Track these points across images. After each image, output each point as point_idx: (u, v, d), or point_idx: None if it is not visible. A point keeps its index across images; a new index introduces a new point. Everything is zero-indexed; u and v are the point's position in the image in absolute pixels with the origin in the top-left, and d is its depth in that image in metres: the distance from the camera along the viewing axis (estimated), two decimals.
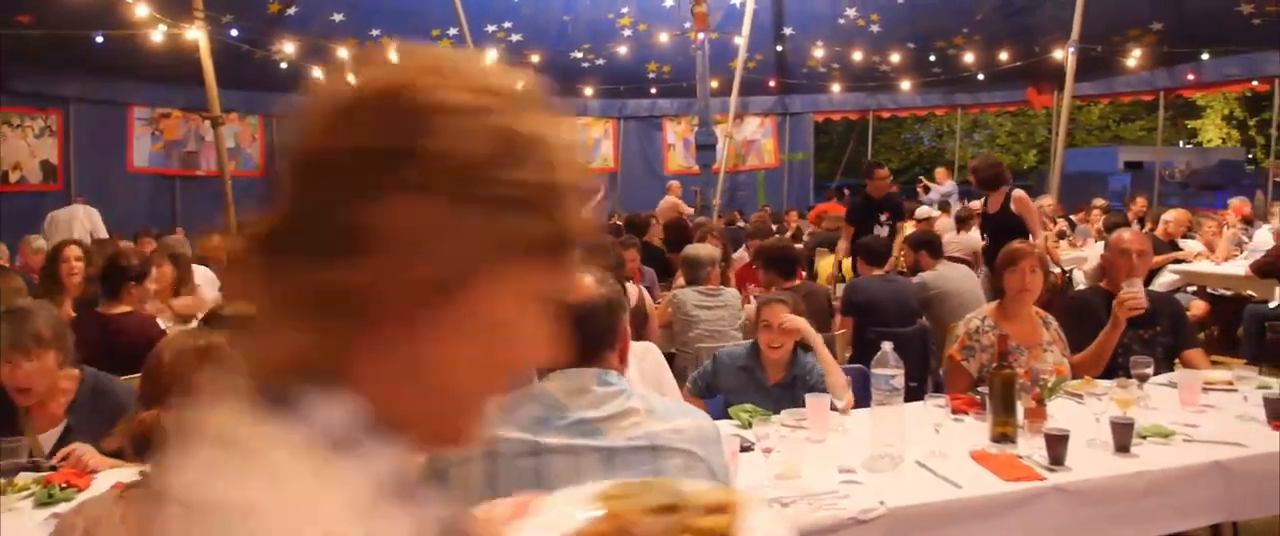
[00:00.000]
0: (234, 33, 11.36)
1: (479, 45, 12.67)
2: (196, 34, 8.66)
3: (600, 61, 14.59)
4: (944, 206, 12.66)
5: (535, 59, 13.94)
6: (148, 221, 11.39)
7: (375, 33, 13.02)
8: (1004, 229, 6.20)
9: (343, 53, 12.86)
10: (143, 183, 13.14)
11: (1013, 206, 6.38)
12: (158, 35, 10.17)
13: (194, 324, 4.26)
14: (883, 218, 7.08)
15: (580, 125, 16.21)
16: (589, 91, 15.61)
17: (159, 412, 1.45)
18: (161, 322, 4.29)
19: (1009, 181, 6.64)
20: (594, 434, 1.55)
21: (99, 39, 10.66)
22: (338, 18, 12.49)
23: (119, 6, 9.63)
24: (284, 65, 12.85)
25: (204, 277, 5.50)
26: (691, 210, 11.40)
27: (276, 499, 0.55)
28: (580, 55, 14.37)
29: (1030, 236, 6.10)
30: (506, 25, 13.53)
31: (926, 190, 14.02)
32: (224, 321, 3.87)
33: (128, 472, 1.51)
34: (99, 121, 12.42)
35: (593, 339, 1.62)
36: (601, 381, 1.59)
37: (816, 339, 3.21)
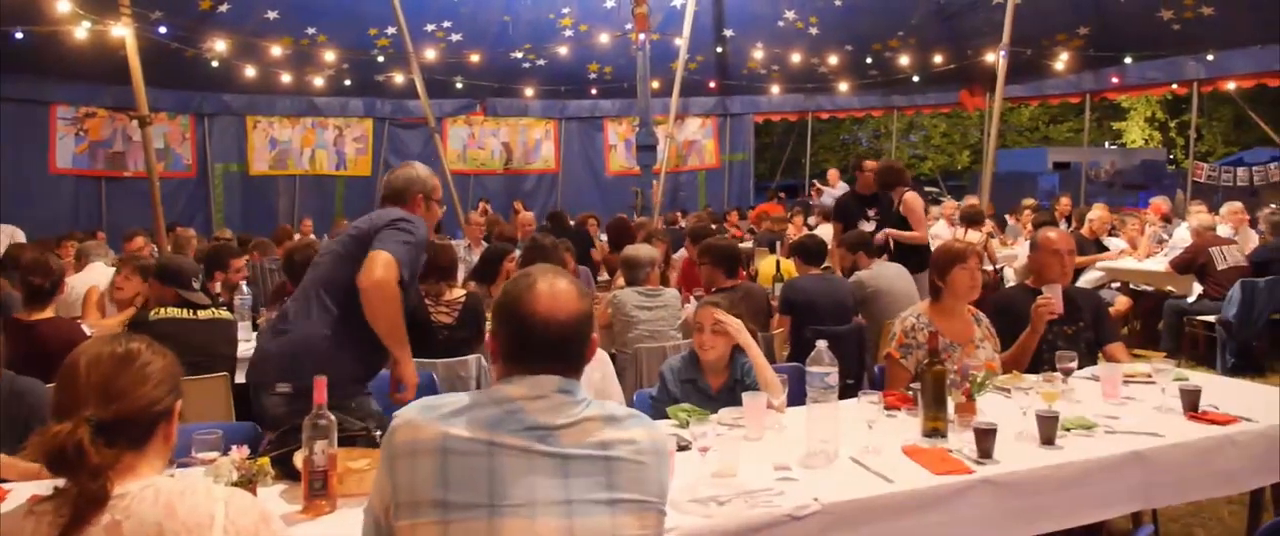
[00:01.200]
0: (163, 30, 11.03)
1: (418, 45, 12.50)
2: (123, 31, 8.39)
3: (541, 62, 14.52)
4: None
5: (475, 59, 13.83)
6: (72, 224, 11.02)
7: (311, 31, 12.78)
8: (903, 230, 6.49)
9: (277, 51, 12.64)
10: (66, 184, 12.70)
11: (901, 208, 6.57)
12: (82, 32, 9.85)
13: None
14: (871, 213, 6.95)
15: (521, 126, 16.14)
16: (530, 92, 15.54)
17: (74, 424, 1.39)
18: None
19: (907, 183, 6.82)
20: (549, 439, 1.55)
21: (19, 35, 10.28)
22: (272, 15, 12.22)
23: (40, 2, 9.30)
24: (215, 63, 12.54)
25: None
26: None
27: None
28: (521, 55, 14.29)
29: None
30: (446, 25, 13.39)
31: (820, 193, 14.26)
32: (149, 327, 3.78)
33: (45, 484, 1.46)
34: (20, 121, 11.95)
35: (573, 355, 1.63)
36: (562, 389, 1.60)
37: (747, 339, 3.23)
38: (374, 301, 2.86)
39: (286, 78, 13.57)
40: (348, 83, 14.29)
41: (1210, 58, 12.45)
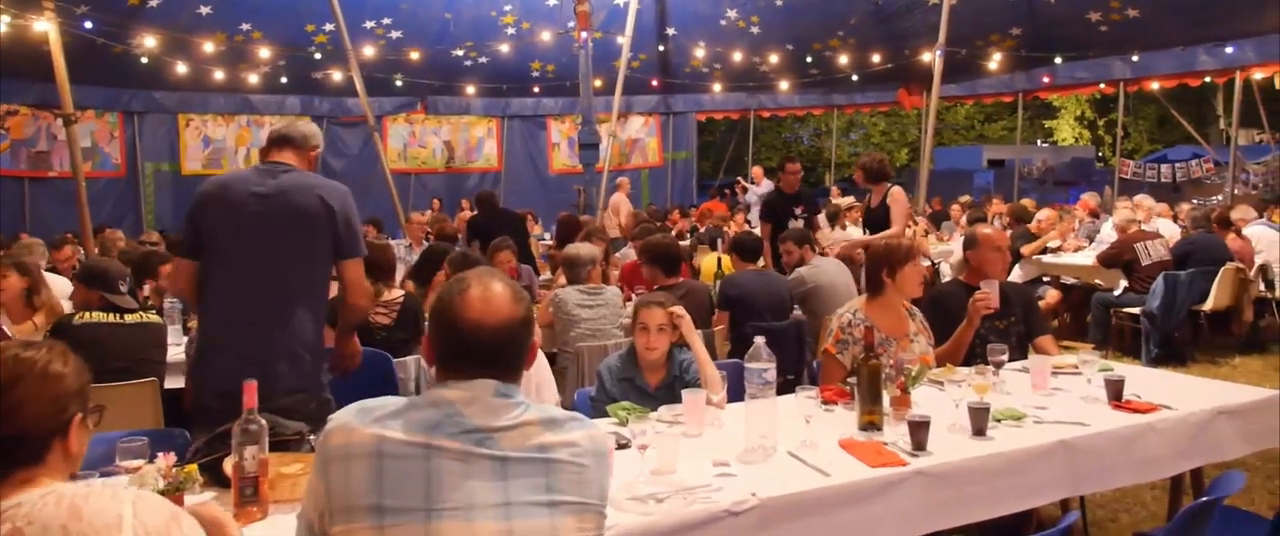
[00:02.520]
0: (88, 25, 10.68)
1: (356, 42, 12.29)
2: (46, 26, 8.10)
3: (483, 60, 14.41)
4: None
5: (415, 56, 13.66)
6: None
7: (245, 27, 12.50)
8: (884, 224, 6.59)
9: (210, 47, 12.33)
10: None
11: (888, 201, 6.72)
12: (1, 26, 9.49)
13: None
14: (798, 211, 7.13)
15: (463, 124, 16.00)
16: (471, 90, 15.41)
17: None
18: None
19: (891, 178, 6.97)
20: (488, 442, 1.54)
21: None
22: (205, 10, 11.92)
23: None
24: (145, 60, 12.18)
25: (56, 287, 5.16)
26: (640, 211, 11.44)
27: None
28: (462, 53, 14.16)
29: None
30: (386, 21, 13.20)
31: (744, 191, 14.44)
32: (72, 332, 3.66)
33: None
34: None
35: (507, 361, 1.61)
36: (499, 392, 1.58)
37: (694, 335, 3.26)
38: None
39: (220, 74, 13.25)
40: (284, 80, 14.00)
41: (1135, 58, 12.87)
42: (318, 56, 13.25)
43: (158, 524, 1.44)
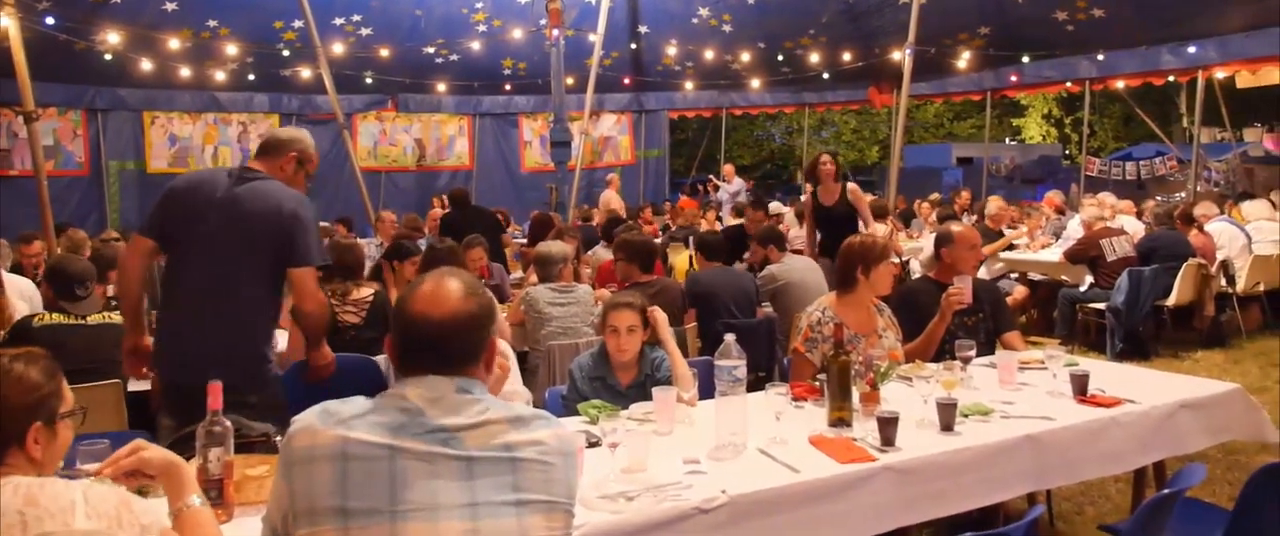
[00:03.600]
0: (50, 21, 10.48)
1: (325, 39, 12.17)
2: (6, 21, 7.93)
3: (454, 57, 14.32)
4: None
5: (385, 54, 13.55)
6: None
7: (212, 24, 12.32)
8: (849, 221, 6.63)
9: (176, 44, 12.15)
10: None
11: (852, 198, 6.76)
12: None
13: None
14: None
15: (434, 122, 15.90)
16: (443, 88, 15.30)
17: None
18: None
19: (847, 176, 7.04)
20: (452, 442, 1.53)
21: None
22: (170, 7, 11.73)
23: None
24: (109, 56, 11.98)
25: (15, 288, 5.07)
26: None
27: None
28: (433, 50, 14.05)
29: (861, 226, 6.52)
30: (356, 19, 13.06)
31: (716, 189, 14.52)
32: (32, 335, 3.59)
33: None
34: None
35: (455, 354, 1.60)
36: (460, 390, 1.57)
37: (667, 334, 3.26)
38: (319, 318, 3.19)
39: (186, 72, 13.05)
40: (252, 77, 13.82)
41: (1101, 58, 13.05)
42: (286, 54, 13.10)
43: (108, 508, 1.50)
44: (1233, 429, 3.29)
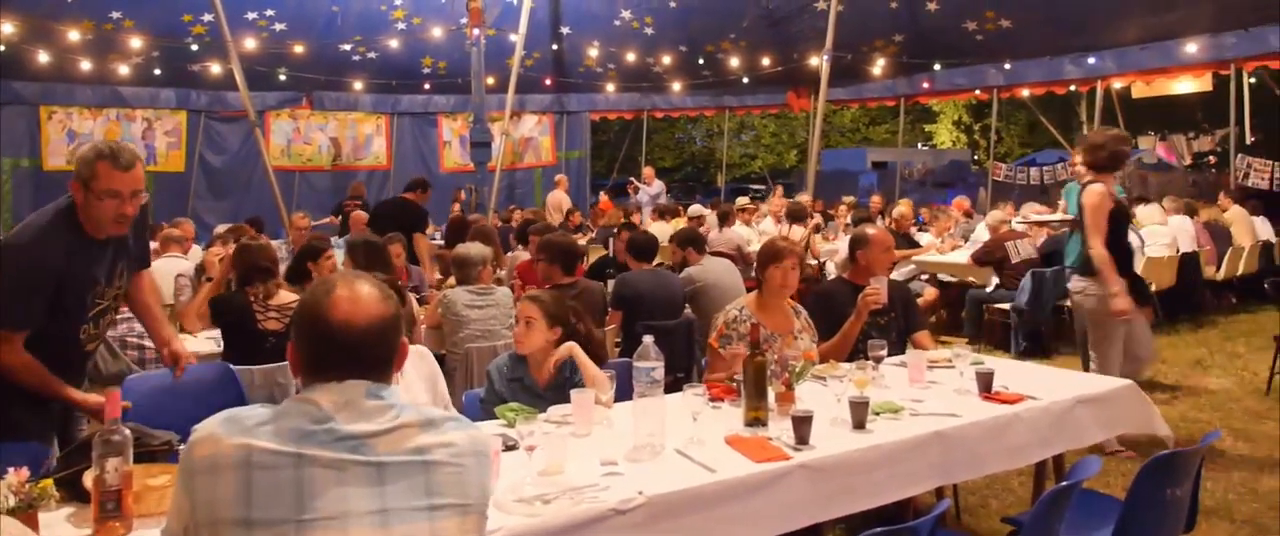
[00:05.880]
0: None
1: (237, 34, 11.79)
2: None
3: (372, 55, 14.05)
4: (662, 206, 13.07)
5: (299, 50, 13.21)
6: None
7: (115, 16, 11.81)
8: None
9: (76, 35, 11.61)
10: None
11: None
12: None
13: None
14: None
15: (350, 120, 15.56)
16: (359, 86, 15.00)
17: None
18: None
19: None
20: (362, 448, 1.50)
21: None
22: None
23: None
24: (2, 47, 11.38)
25: None
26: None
27: None
28: (350, 47, 13.76)
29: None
30: (269, 13, 12.69)
31: (636, 190, 14.66)
32: None
33: None
34: None
35: (375, 359, 1.57)
36: (371, 395, 1.54)
37: (579, 352, 3.24)
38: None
39: (87, 65, 12.50)
40: (158, 72, 13.31)
41: (1008, 67, 13.56)
42: (195, 48, 12.65)
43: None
44: (1126, 422, 3.46)
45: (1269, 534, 3.72)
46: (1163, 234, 8.53)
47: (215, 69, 12.97)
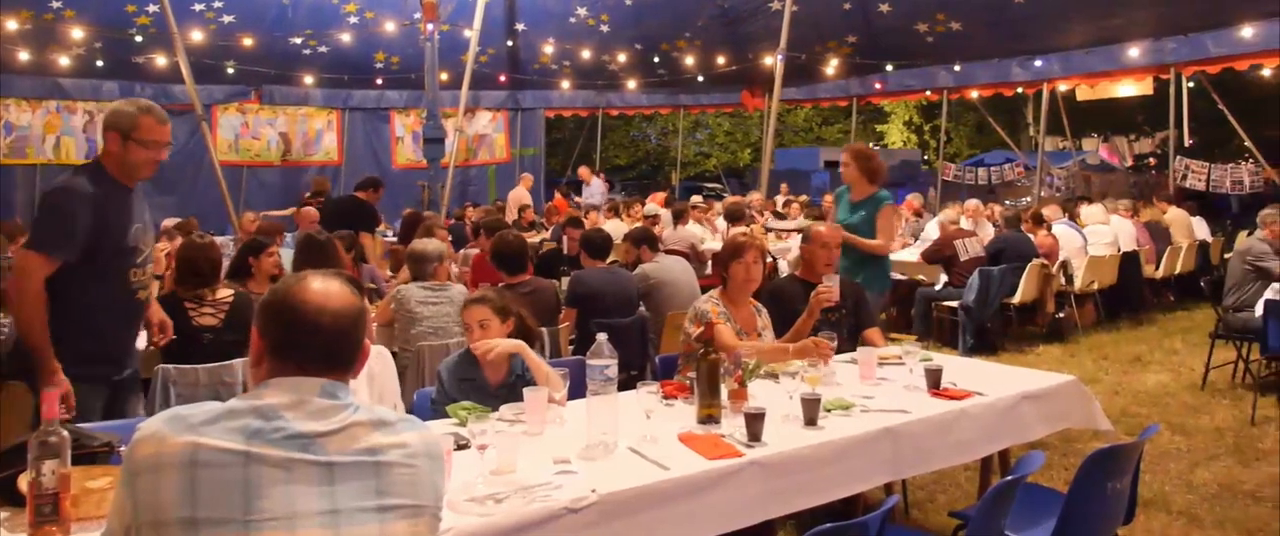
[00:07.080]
0: None
1: (183, 26, 11.53)
2: None
3: (323, 49, 13.84)
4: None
5: (248, 43, 12.96)
6: None
7: (56, 5, 11.47)
8: None
9: (13, 25, 11.25)
10: None
11: None
12: None
13: None
14: None
15: (301, 115, 15.31)
16: (310, 80, 14.76)
17: None
18: None
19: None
20: (313, 448, 1.47)
21: None
22: None
23: None
24: None
25: None
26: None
27: None
28: (300, 41, 13.54)
29: None
30: (217, 5, 12.44)
31: (577, 191, 14.73)
32: None
33: None
34: None
35: (344, 354, 1.56)
36: (325, 393, 1.51)
37: (516, 343, 3.22)
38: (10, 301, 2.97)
39: (25, 55, 12.12)
40: (100, 63, 12.96)
41: (957, 69, 13.80)
42: (139, 39, 12.34)
43: None
44: (1069, 417, 3.54)
45: (1203, 525, 3.83)
46: (1105, 233, 8.75)
47: (160, 61, 12.66)
